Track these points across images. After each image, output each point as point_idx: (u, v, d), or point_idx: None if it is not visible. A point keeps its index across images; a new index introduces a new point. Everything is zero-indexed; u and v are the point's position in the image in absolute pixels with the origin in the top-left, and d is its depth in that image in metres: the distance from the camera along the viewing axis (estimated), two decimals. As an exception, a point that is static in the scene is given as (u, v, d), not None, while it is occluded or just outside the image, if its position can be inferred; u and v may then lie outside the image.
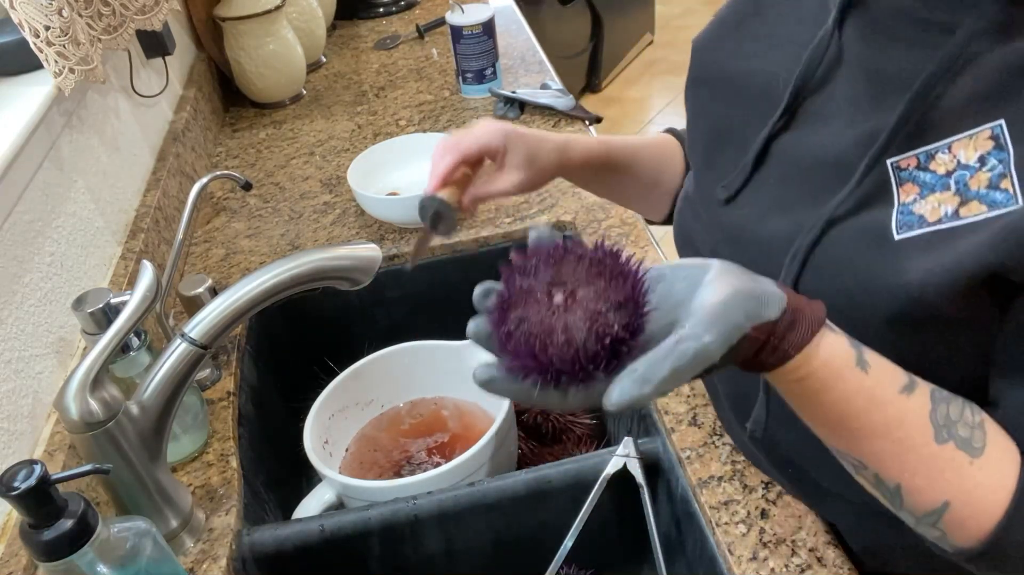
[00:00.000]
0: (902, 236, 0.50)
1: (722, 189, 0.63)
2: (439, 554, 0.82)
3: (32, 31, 0.82)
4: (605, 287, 0.44)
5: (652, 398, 0.42)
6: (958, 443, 0.49)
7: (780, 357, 0.46)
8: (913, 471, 0.49)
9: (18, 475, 0.54)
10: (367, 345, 1.04)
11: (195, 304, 0.90)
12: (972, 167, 0.48)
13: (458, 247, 1.11)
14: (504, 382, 0.46)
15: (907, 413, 0.49)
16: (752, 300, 0.45)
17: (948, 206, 0.48)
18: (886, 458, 0.49)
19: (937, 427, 0.49)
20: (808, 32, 0.59)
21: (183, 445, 0.83)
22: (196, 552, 0.74)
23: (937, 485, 0.49)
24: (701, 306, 0.44)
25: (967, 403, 0.51)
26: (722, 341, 0.43)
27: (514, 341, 0.44)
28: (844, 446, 0.51)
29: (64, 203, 0.91)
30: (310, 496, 0.84)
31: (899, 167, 0.51)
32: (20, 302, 0.79)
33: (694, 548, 0.74)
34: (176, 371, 0.69)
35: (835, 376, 0.47)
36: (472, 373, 0.47)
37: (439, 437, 0.99)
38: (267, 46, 1.48)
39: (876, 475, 0.51)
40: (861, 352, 0.49)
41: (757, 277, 0.47)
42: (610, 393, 0.43)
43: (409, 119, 1.43)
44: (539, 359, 0.43)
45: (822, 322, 0.47)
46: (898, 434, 0.49)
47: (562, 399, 0.45)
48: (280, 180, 1.31)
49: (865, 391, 0.48)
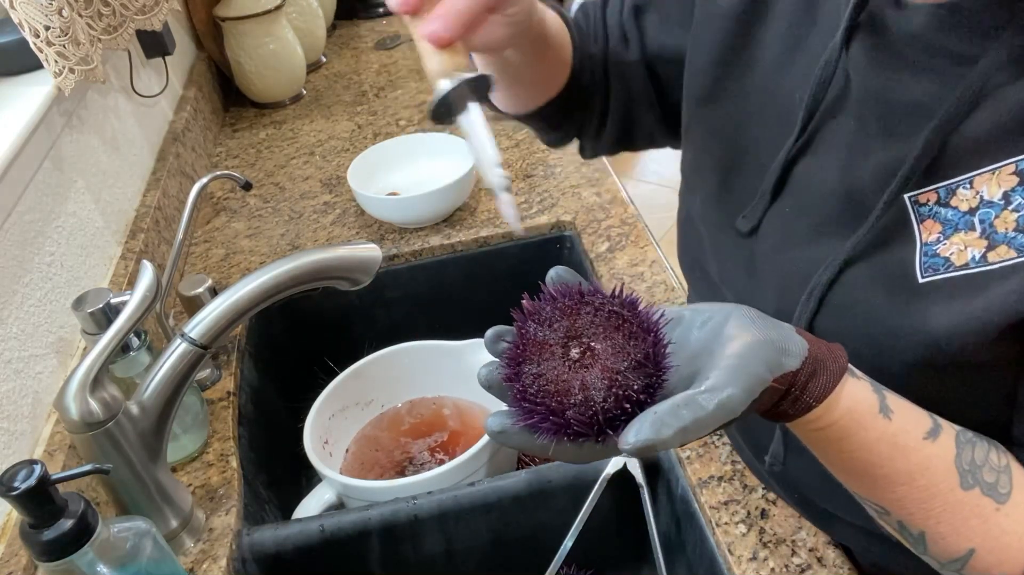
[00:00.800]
0: (927, 279, 0.48)
1: (743, 220, 0.61)
2: (439, 554, 0.82)
3: (32, 31, 0.82)
4: (624, 342, 0.42)
5: (669, 446, 0.40)
6: (984, 489, 0.48)
7: (801, 408, 0.44)
8: (937, 518, 0.48)
9: (18, 475, 0.54)
10: (367, 345, 1.04)
11: (195, 304, 0.90)
12: (997, 204, 0.46)
13: (458, 247, 1.11)
14: (518, 436, 0.44)
15: (932, 459, 0.47)
16: (774, 351, 0.43)
17: (975, 250, 0.47)
18: (910, 505, 0.48)
19: (962, 473, 0.47)
20: (821, 43, 0.56)
21: (183, 445, 0.83)
22: (196, 552, 0.74)
23: (962, 532, 0.48)
24: (723, 357, 0.42)
25: (992, 445, 0.50)
26: (745, 396, 0.41)
27: (530, 398, 0.42)
28: (866, 492, 0.50)
29: (64, 203, 0.91)
30: (310, 496, 0.84)
31: (918, 202, 0.49)
32: (20, 302, 0.79)
33: (694, 548, 0.74)
34: (176, 371, 0.69)
35: (857, 425, 0.46)
36: (486, 424, 0.45)
37: (439, 437, 0.99)
38: (267, 46, 1.48)
39: (900, 522, 0.50)
40: (884, 398, 0.47)
41: (778, 324, 0.45)
42: (626, 434, 0.40)
43: (409, 119, 1.43)
44: (556, 418, 0.42)
45: (844, 370, 0.46)
46: (922, 481, 0.47)
47: (576, 452, 0.43)
48: (280, 180, 1.31)
49: (888, 438, 0.46)
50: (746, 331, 0.43)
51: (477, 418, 1.00)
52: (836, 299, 0.52)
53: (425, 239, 1.11)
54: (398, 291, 1.12)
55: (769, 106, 0.60)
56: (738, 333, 0.43)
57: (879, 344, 0.50)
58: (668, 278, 0.99)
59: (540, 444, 0.43)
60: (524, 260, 1.12)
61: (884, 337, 0.50)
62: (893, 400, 0.48)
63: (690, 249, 0.71)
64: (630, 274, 1.00)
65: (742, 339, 0.42)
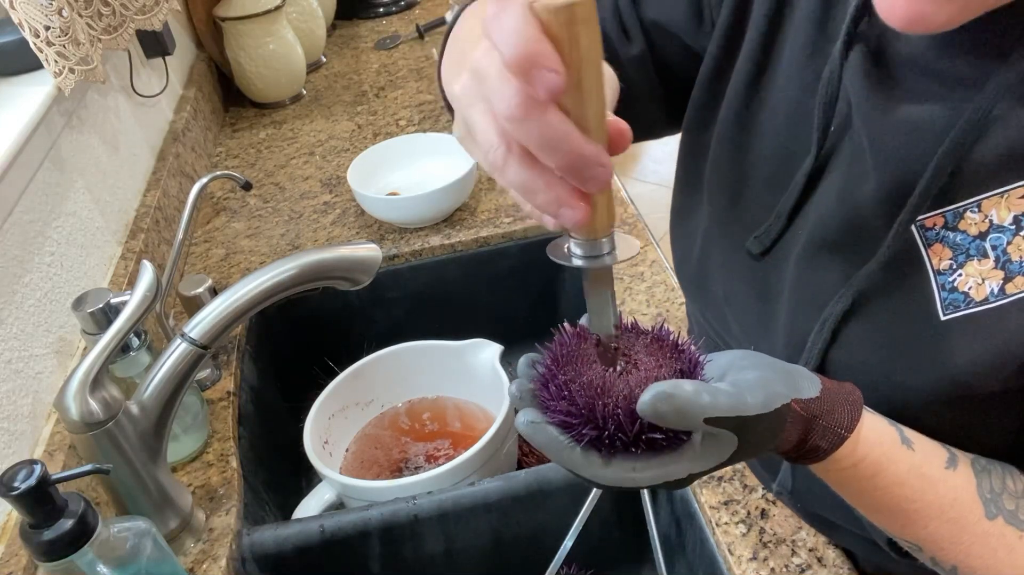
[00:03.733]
0: (948, 317, 0.47)
1: (755, 241, 0.59)
2: (439, 554, 0.82)
3: (32, 31, 0.82)
4: (666, 358, 0.43)
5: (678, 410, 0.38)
6: (1006, 518, 0.48)
7: (834, 440, 0.44)
8: (967, 551, 0.48)
9: (18, 475, 0.54)
10: (367, 345, 1.04)
11: (195, 304, 0.90)
12: (1008, 230, 0.46)
13: (458, 247, 1.11)
14: (547, 432, 0.41)
15: (957, 490, 0.47)
16: (790, 376, 0.44)
17: (993, 283, 0.46)
18: (942, 540, 0.48)
19: (985, 502, 0.47)
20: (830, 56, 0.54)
21: (183, 445, 0.83)
22: (196, 552, 0.74)
23: (991, 564, 0.48)
24: (743, 379, 0.43)
25: (1007, 470, 0.49)
26: (761, 398, 0.41)
27: (570, 392, 0.41)
28: (899, 531, 0.49)
29: (64, 203, 0.91)
30: (310, 496, 0.84)
31: (924, 226, 0.48)
32: (20, 302, 0.79)
33: (694, 548, 0.74)
34: (176, 371, 0.69)
35: (887, 458, 0.46)
36: (515, 422, 0.43)
37: (439, 437, 0.99)
38: (267, 46, 1.48)
39: (932, 558, 0.49)
40: (901, 429, 0.47)
41: (788, 364, 0.46)
42: (649, 389, 0.39)
43: (409, 119, 1.43)
44: (595, 413, 0.40)
45: (861, 402, 0.46)
46: (952, 514, 0.47)
47: (604, 465, 0.41)
48: (280, 180, 1.31)
49: (916, 470, 0.46)
50: (763, 364, 0.44)
51: (477, 418, 1.00)
52: (851, 332, 0.52)
53: (425, 239, 1.11)
54: (398, 291, 1.12)
55: (784, 123, 0.58)
56: (753, 367, 0.44)
57: (897, 379, 0.50)
58: (668, 278, 0.99)
59: (567, 446, 0.41)
60: (524, 260, 1.12)
61: (903, 372, 0.49)
62: (910, 432, 0.48)
63: (694, 263, 0.68)
64: (630, 274, 1.00)
65: (760, 369, 0.43)
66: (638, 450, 0.41)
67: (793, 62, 0.58)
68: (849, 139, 0.53)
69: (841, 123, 0.54)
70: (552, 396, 0.42)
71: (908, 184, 0.48)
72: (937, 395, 0.48)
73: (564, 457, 0.41)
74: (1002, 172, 0.46)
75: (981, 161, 0.46)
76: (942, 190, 0.47)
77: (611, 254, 0.40)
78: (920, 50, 0.48)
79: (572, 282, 1.13)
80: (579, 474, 0.42)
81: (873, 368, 0.51)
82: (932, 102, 0.48)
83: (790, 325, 0.57)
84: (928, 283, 0.48)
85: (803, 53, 0.57)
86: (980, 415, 0.49)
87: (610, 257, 0.40)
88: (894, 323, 0.50)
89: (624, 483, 0.41)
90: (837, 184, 0.54)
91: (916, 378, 0.49)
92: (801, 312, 0.56)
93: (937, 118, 0.47)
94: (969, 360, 0.46)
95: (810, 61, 0.56)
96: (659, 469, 0.41)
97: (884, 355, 0.50)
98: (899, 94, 0.49)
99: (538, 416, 0.41)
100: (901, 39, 0.49)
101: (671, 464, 0.41)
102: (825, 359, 0.53)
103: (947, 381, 0.47)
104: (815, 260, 0.55)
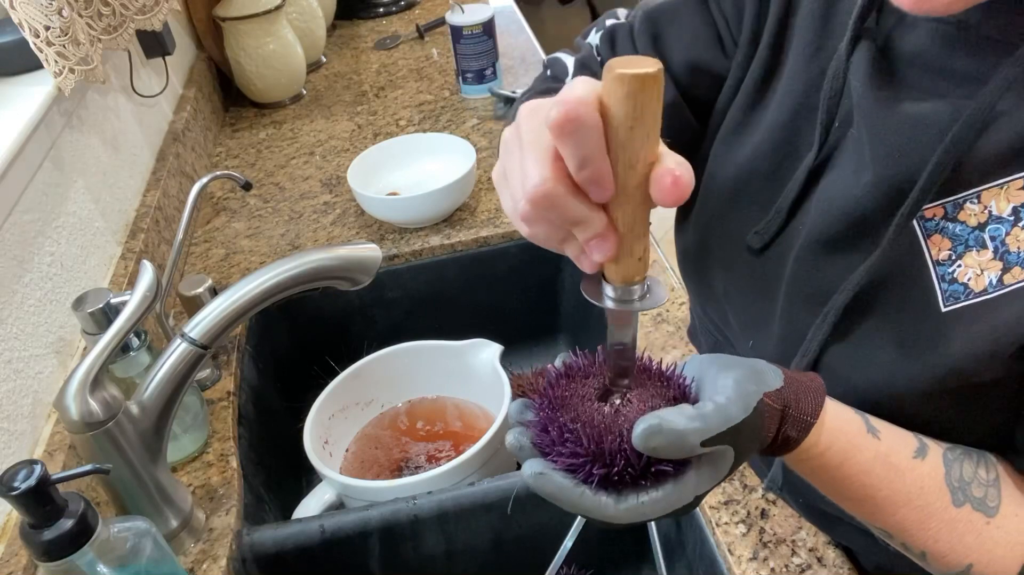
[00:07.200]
0: (949, 308, 0.48)
1: (755, 236, 0.60)
2: (439, 554, 0.82)
3: (32, 31, 0.82)
4: (657, 388, 0.44)
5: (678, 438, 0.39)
6: (974, 504, 0.49)
7: (802, 427, 0.45)
8: (935, 538, 0.49)
9: (18, 475, 0.54)
10: (367, 345, 1.04)
11: (195, 304, 0.90)
12: (1007, 221, 0.46)
13: (458, 247, 1.11)
14: (555, 481, 0.42)
15: (924, 479, 0.48)
16: (756, 372, 0.44)
17: (992, 273, 0.47)
18: (910, 527, 0.49)
19: (953, 490, 0.49)
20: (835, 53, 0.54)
21: (183, 445, 0.83)
22: (196, 552, 0.74)
23: (959, 549, 0.49)
24: (716, 388, 0.44)
25: (982, 458, 0.50)
26: (741, 404, 0.42)
27: (573, 435, 0.41)
28: (870, 518, 0.51)
29: (64, 203, 0.91)
30: (310, 496, 0.84)
31: (924, 217, 0.49)
32: (20, 302, 0.79)
33: (694, 548, 0.74)
34: (176, 371, 0.69)
35: (852, 446, 0.47)
36: (522, 474, 0.43)
37: (439, 437, 0.99)
38: (267, 46, 1.48)
39: (903, 544, 0.51)
40: (867, 418, 0.48)
41: (748, 359, 0.46)
42: (637, 425, 0.40)
43: (409, 119, 1.43)
44: (603, 451, 0.41)
45: (824, 389, 0.47)
46: (919, 502, 0.48)
47: (616, 503, 0.41)
48: (280, 180, 1.31)
49: (882, 458, 0.48)
50: (729, 367, 0.44)
51: (477, 418, 1.00)
52: (851, 325, 0.52)
53: (425, 239, 1.11)
54: (398, 291, 1.12)
55: (787, 119, 0.59)
56: (722, 371, 0.44)
57: (897, 370, 0.50)
58: (668, 278, 0.99)
59: (577, 489, 0.41)
60: (524, 260, 1.12)
61: (903, 363, 0.50)
62: (875, 421, 0.49)
63: (695, 258, 0.69)
64: (630, 274, 1.00)
65: (728, 373, 0.44)
66: (647, 482, 0.41)
67: (798, 60, 0.58)
68: (851, 135, 0.54)
69: (844, 119, 0.54)
70: (555, 440, 0.42)
71: (909, 179, 0.48)
72: (936, 386, 0.49)
73: (576, 503, 0.41)
74: (1004, 166, 0.46)
75: (984, 155, 0.46)
76: (944, 185, 0.48)
77: (639, 301, 0.41)
78: (925, 46, 0.48)
79: (572, 282, 1.13)
80: (592, 517, 0.42)
81: (873, 360, 0.51)
82: (935, 98, 0.48)
83: (787, 319, 0.58)
84: (929, 276, 0.49)
85: (808, 50, 0.57)
86: (975, 404, 0.50)
87: (638, 303, 0.41)
88: (896, 316, 0.50)
89: (637, 518, 0.42)
90: (838, 180, 0.54)
91: (916, 369, 0.49)
92: (799, 306, 0.56)
93: (940, 114, 0.48)
94: (969, 350, 0.47)
95: (814, 58, 0.57)
96: (667, 498, 0.41)
97: (885, 347, 0.51)
98: (903, 90, 0.50)
99: (543, 466, 0.42)
100: (907, 36, 0.50)
101: (677, 490, 0.42)
102: (824, 352, 0.54)
103: (947, 371, 0.48)
104: (815, 255, 0.55)
